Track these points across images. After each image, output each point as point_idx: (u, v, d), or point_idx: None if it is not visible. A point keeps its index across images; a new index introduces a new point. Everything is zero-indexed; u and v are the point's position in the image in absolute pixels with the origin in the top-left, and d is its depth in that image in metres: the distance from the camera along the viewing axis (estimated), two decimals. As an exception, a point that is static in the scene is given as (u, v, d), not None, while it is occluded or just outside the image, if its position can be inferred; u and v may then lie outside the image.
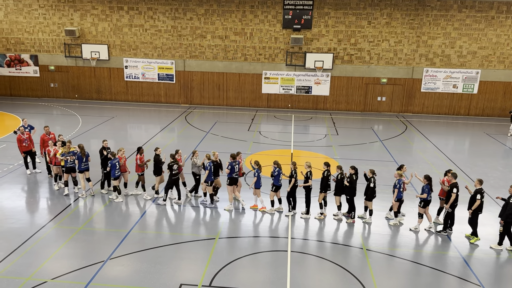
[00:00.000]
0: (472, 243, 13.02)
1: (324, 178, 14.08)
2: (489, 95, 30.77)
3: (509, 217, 12.37)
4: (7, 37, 32.17)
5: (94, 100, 32.99)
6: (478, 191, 12.85)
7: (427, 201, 13.48)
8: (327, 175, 14.10)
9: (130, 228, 13.26)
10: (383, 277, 11.17)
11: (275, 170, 14.20)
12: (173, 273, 10.99)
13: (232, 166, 14.44)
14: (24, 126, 17.73)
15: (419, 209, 13.63)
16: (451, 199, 13.11)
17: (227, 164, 14.59)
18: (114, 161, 14.74)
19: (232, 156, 14.63)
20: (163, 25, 30.92)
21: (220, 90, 32.13)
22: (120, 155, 15.04)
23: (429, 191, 13.38)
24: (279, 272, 11.14)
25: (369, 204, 14.06)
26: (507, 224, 12.46)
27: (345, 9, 29.66)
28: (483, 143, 24.35)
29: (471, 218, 13.05)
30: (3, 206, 14.62)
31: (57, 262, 11.30)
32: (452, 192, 13.09)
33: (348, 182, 13.92)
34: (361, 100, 31.61)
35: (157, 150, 15.11)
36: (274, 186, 14.32)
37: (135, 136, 24.83)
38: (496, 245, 12.84)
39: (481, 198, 12.77)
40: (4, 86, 33.36)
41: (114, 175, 14.83)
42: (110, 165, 14.82)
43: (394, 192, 13.74)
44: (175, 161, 14.64)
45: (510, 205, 12.32)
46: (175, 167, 14.56)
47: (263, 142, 23.18)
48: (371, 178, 13.86)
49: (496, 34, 29.41)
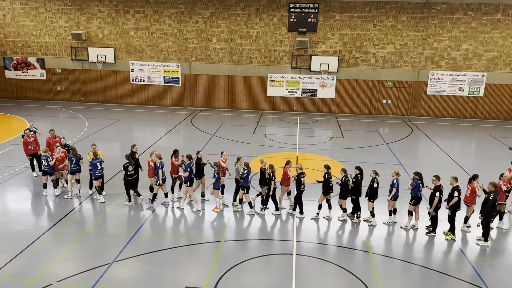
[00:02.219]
0: (447, 239, 13.26)
1: (325, 181, 14.11)
2: (495, 98, 30.62)
3: (488, 213, 12.68)
4: (14, 40, 32.40)
5: (100, 103, 33.13)
6: (455, 188, 13.05)
7: (418, 199, 13.62)
8: (328, 177, 14.11)
9: (135, 231, 13.28)
10: (389, 280, 11.10)
11: (244, 171, 14.31)
12: (178, 276, 10.99)
13: (190, 167, 14.55)
14: (30, 129, 17.86)
15: (409, 207, 13.77)
16: (434, 202, 13.20)
17: (184, 167, 14.69)
18: (95, 161, 14.78)
19: (188, 157, 14.69)
20: (169, 28, 31.03)
21: (226, 93, 32.18)
22: (152, 158, 14.94)
23: (419, 188, 13.50)
24: (284, 275, 11.11)
25: (370, 205, 14.07)
26: (486, 220, 12.77)
27: (351, 12, 29.64)
28: (489, 146, 24.21)
29: (449, 216, 13.28)
30: (9, 208, 14.70)
31: (62, 265, 11.33)
32: (435, 196, 13.17)
33: (353, 183, 13.93)
34: (367, 103, 31.55)
35: (198, 154, 15.04)
36: (244, 187, 14.43)
37: (141, 138, 24.89)
38: (483, 242, 13.04)
39: (458, 195, 12.98)
40: (11, 89, 33.58)
41: (94, 175, 14.85)
42: (90, 164, 14.88)
43: (392, 191, 13.80)
44: (131, 162, 14.78)
45: (489, 201, 12.57)
46: (130, 168, 14.70)
47: (268, 145, 23.18)
48: (374, 178, 13.90)
49: (502, 36, 29.28)
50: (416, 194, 13.56)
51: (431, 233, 13.55)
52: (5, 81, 33.37)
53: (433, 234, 13.54)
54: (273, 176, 14.21)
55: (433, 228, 13.56)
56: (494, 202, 12.59)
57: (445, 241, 13.21)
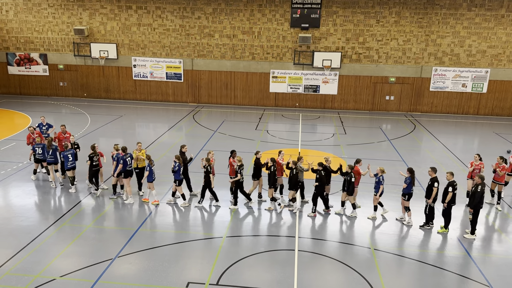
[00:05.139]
0: (439, 233, 13.38)
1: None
2: (499, 94, 30.50)
3: (477, 206, 12.80)
4: (16, 36, 32.42)
5: (103, 99, 33.16)
6: (451, 183, 13.11)
7: (411, 194, 13.76)
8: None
9: (138, 227, 13.31)
10: (390, 276, 11.11)
11: (176, 165, 14.47)
12: (180, 271, 11.02)
13: (124, 160, 14.76)
14: (42, 123, 18.45)
15: (404, 202, 13.90)
16: (433, 194, 13.29)
17: (117, 159, 14.89)
18: (66, 153, 15.38)
19: (122, 149, 14.89)
20: (171, 24, 30.99)
21: (228, 89, 32.15)
22: (211, 157, 14.92)
23: (410, 184, 13.61)
24: (286, 271, 11.13)
25: (351, 198, 14.30)
26: (475, 213, 12.89)
27: (354, 8, 29.54)
28: (492, 143, 24.14)
29: (444, 210, 13.36)
30: (13, 203, 14.75)
31: (65, 260, 11.37)
32: (434, 186, 13.26)
33: (317, 180, 14.03)
34: (369, 99, 31.48)
35: (258, 154, 14.96)
36: (177, 180, 14.64)
37: (143, 134, 24.91)
38: (469, 235, 13.18)
39: (453, 191, 13.06)
40: (14, 85, 33.64)
41: (67, 166, 15.47)
42: (62, 156, 15.56)
43: (380, 188, 13.91)
44: (95, 152, 15.22)
45: (477, 193, 12.71)
46: (95, 158, 15.18)
47: (270, 141, 23.16)
48: (350, 173, 14.05)
49: (506, 33, 29.13)
50: (409, 191, 13.71)
51: (429, 224, 13.64)
52: (8, 77, 33.43)
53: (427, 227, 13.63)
54: (210, 168, 14.45)
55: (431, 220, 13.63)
56: (481, 194, 12.81)
57: (447, 238, 13.19)
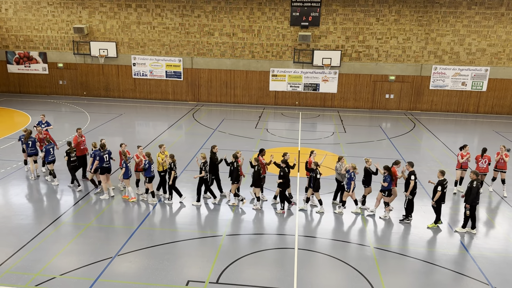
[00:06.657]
0: (429, 227, 13.65)
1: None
2: (499, 92, 30.51)
3: (473, 201, 13.03)
4: (16, 34, 32.38)
5: (102, 97, 33.15)
6: (440, 182, 13.32)
7: (390, 191, 14.01)
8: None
9: (138, 225, 13.32)
10: (390, 275, 11.12)
11: (146, 162, 14.53)
12: (180, 269, 11.03)
13: (101, 156, 14.92)
14: (42, 121, 18.55)
15: (384, 198, 14.14)
16: (410, 186, 13.56)
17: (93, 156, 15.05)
18: (48, 147, 16.03)
19: (101, 146, 15.07)
20: (170, 23, 30.96)
21: (228, 88, 32.14)
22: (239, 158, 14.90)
23: (390, 181, 13.81)
24: (286, 270, 11.14)
25: (317, 194, 14.41)
26: (472, 208, 13.10)
27: (353, 6, 29.51)
28: (492, 141, 24.13)
29: (435, 208, 13.62)
30: (12, 202, 14.75)
31: (65, 258, 11.38)
32: (410, 179, 13.57)
33: (281, 177, 14.12)
34: (369, 98, 31.48)
35: (285, 156, 14.90)
36: (147, 177, 14.70)
37: (143, 133, 24.91)
38: (460, 228, 13.48)
39: (442, 190, 13.25)
40: (13, 84, 33.62)
41: (47, 159, 16.05)
42: (44, 150, 16.08)
43: (351, 184, 14.11)
44: (72, 148, 15.56)
45: (473, 189, 12.96)
46: (72, 154, 15.51)
47: (270, 140, 23.16)
48: (316, 169, 14.17)
49: (506, 31, 29.13)
50: (389, 188, 13.91)
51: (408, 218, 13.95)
52: (8, 76, 33.40)
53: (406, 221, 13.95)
54: (174, 166, 14.55)
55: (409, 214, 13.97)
56: (477, 190, 13.00)
57: (447, 237, 13.21)
